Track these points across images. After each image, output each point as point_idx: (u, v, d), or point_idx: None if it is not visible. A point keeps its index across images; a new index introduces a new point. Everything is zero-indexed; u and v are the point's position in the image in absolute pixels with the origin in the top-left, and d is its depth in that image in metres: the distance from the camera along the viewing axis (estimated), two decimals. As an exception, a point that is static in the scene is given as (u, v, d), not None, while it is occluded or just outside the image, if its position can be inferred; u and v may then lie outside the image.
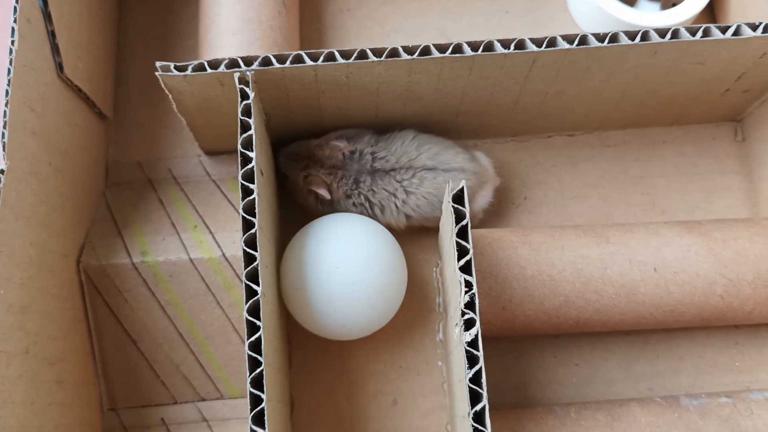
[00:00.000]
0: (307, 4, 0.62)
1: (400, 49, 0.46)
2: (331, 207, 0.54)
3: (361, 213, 0.54)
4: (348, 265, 0.48)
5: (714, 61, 0.50)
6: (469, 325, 0.41)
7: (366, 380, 0.55)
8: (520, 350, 0.55)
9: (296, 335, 0.55)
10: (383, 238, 0.51)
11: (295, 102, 0.51)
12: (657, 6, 0.62)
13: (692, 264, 0.50)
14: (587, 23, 0.62)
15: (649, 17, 0.59)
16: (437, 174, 0.54)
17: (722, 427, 0.48)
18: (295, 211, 0.56)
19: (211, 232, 0.53)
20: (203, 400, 0.54)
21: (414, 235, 0.57)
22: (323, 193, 0.53)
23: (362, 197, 0.54)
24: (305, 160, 0.54)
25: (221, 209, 0.55)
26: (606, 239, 0.51)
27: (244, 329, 0.52)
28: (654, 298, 0.50)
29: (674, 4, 0.61)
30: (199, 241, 0.52)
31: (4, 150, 0.44)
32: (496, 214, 0.58)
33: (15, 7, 0.46)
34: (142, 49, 0.62)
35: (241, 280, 0.51)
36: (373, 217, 0.54)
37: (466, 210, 0.43)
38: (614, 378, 0.55)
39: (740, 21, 0.57)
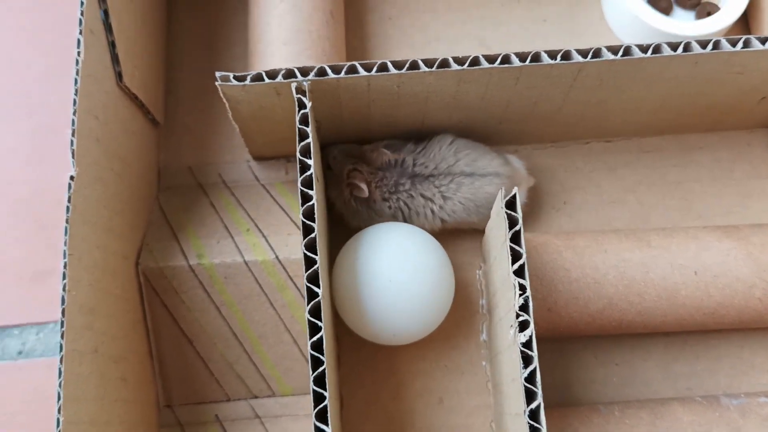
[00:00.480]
0: (351, 13, 0.64)
1: (451, 60, 0.48)
2: (364, 205, 0.56)
3: (395, 216, 0.56)
4: (400, 277, 0.50)
5: (753, 70, 0.52)
6: (523, 326, 0.43)
7: (412, 379, 0.56)
8: (561, 350, 0.57)
9: (345, 336, 0.56)
10: (432, 249, 0.53)
11: (346, 110, 0.52)
12: (692, 15, 0.63)
13: (732, 268, 0.52)
14: (624, 32, 0.63)
15: (685, 26, 0.61)
16: (474, 179, 0.55)
17: (763, 425, 0.49)
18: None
19: (263, 236, 0.55)
20: (256, 397, 0.56)
21: (455, 238, 0.58)
22: (363, 187, 0.55)
23: (400, 202, 0.55)
24: (355, 158, 0.56)
25: (272, 213, 0.57)
26: (647, 243, 0.53)
27: (296, 329, 0.54)
28: (695, 301, 0.52)
29: (709, 14, 0.62)
30: (253, 244, 0.54)
31: (73, 157, 0.46)
32: (536, 217, 0.59)
33: (80, 20, 0.48)
34: (190, 57, 0.64)
35: (294, 282, 0.54)
36: (407, 220, 0.56)
37: (519, 216, 0.45)
38: (653, 378, 0.56)
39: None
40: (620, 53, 0.48)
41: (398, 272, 0.50)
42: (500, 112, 0.55)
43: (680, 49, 0.49)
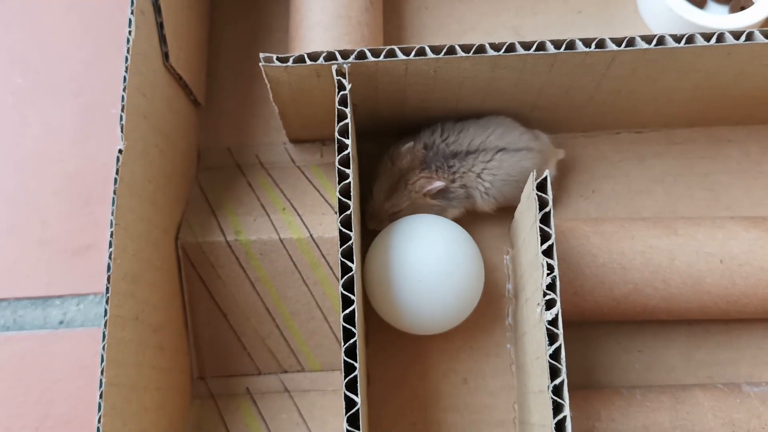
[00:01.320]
0: (389, 2, 0.66)
1: (487, 46, 0.49)
2: (439, 197, 0.57)
3: (468, 197, 0.57)
4: (431, 275, 0.52)
5: (785, 63, 0.53)
6: (549, 305, 0.44)
7: (438, 359, 0.58)
8: (585, 336, 0.58)
9: (372, 316, 0.58)
10: (463, 241, 0.54)
11: (382, 94, 0.54)
12: (725, 9, 0.64)
13: (757, 257, 0.52)
14: (657, 24, 0.64)
15: (719, 20, 0.61)
16: (510, 155, 0.56)
17: (784, 412, 0.50)
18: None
19: (298, 215, 0.56)
20: (286, 372, 0.57)
21: (482, 224, 0.60)
22: (437, 184, 0.56)
23: (465, 177, 0.56)
24: (396, 181, 0.57)
25: (307, 193, 0.58)
26: (674, 231, 0.54)
27: (327, 306, 0.56)
28: (719, 289, 0.53)
29: (743, 8, 0.63)
30: (288, 223, 0.56)
31: (122, 132, 0.48)
32: (564, 206, 0.61)
33: (132, 0, 0.50)
34: (231, 41, 0.65)
35: (326, 261, 0.55)
36: (468, 200, 0.57)
37: (549, 197, 0.46)
38: (675, 365, 0.57)
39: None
40: (654, 42, 0.49)
41: (429, 270, 0.52)
42: (533, 99, 0.56)
43: (713, 40, 0.49)
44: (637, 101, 0.57)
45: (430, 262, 0.52)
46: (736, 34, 0.49)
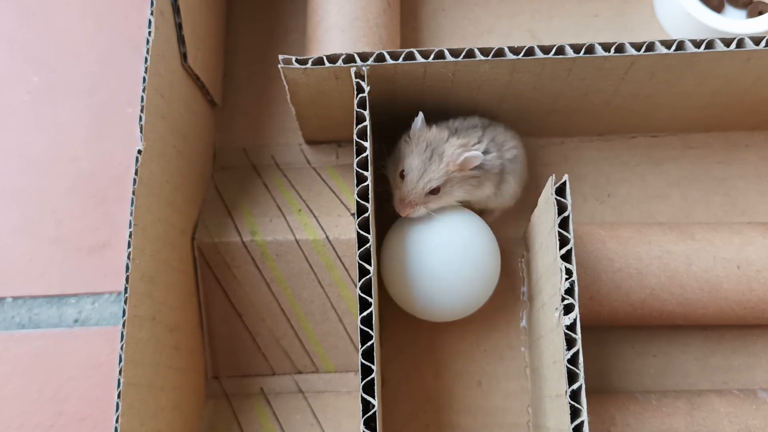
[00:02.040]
0: (406, 4, 0.66)
1: (506, 49, 0.49)
2: (481, 169, 0.54)
3: (494, 171, 0.55)
4: (448, 264, 0.52)
5: (803, 69, 0.52)
6: (568, 309, 0.44)
7: (452, 361, 0.58)
8: (600, 340, 0.58)
9: (388, 315, 0.58)
10: (481, 232, 0.54)
11: (401, 96, 0.54)
12: (743, 14, 0.64)
13: (775, 263, 0.52)
14: (675, 29, 0.64)
15: (737, 24, 0.61)
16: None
17: (800, 419, 0.50)
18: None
19: (314, 216, 0.56)
20: (300, 372, 0.58)
21: (496, 229, 0.59)
22: (475, 152, 0.52)
23: (491, 150, 0.55)
24: (429, 157, 0.53)
25: (323, 195, 0.58)
26: (691, 236, 0.53)
27: (341, 308, 0.56)
28: (736, 295, 0.52)
29: (761, 13, 0.63)
30: (304, 224, 0.56)
31: (141, 132, 0.48)
32: (580, 209, 0.61)
33: (152, 1, 0.50)
34: (248, 42, 0.66)
35: (342, 262, 0.55)
36: (500, 174, 0.56)
37: (569, 202, 0.46)
38: (690, 370, 0.57)
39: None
40: (673, 47, 0.49)
41: (447, 257, 0.52)
42: (550, 102, 0.56)
43: (733, 45, 0.49)
44: (654, 106, 0.57)
45: (446, 245, 0.52)
46: (756, 40, 0.49)
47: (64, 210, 0.63)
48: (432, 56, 0.49)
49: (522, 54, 0.49)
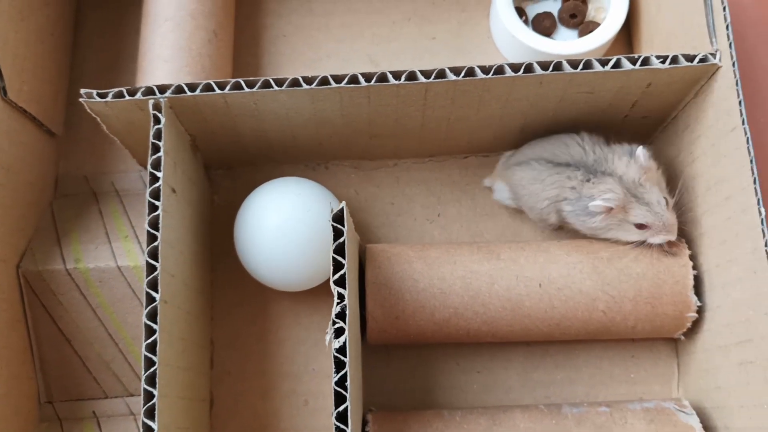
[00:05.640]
0: (245, 31, 0.67)
1: (300, 79, 0.51)
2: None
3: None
4: (287, 229, 0.55)
5: (602, 90, 0.54)
6: (338, 333, 0.46)
7: (280, 381, 0.59)
8: (426, 357, 0.59)
9: (219, 338, 0.59)
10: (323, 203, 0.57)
11: (213, 125, 0.55)
12: (575, 34, 0.65)
13: (576, 281, 0.54)
14: (507, 51, 0.65)
15: (564, 45, 0.63)
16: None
17: (593, 433, 0.51)
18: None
19: (139, 242, 0.58)
20: (131, 395, 0.59)
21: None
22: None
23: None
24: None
25: (153, 221, 0.60)
26: (497, 256, 0.55)
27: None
28: (539, 312, 0.54)
29: (591, 31, 0.64)
30: (128, 250, 0.57)
31: (-60, 167, 0.49)
32: (410, 229, 0.62)
33: (-44, 39, 0.51)
34: (94, 70, 0.67)
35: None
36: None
37: (344, 229, 0.47)
38: (513, 386, 0.59)
39: (649, 47, 0.61)
40: (462, 74, 0.51)
41: (288, 216, 0.55)
42: (365, 127, 0.57)
43: (521, 71, 0.51)
44: (471, 127, 0.59)
45: (287, 209, 0.56)
46: (544, 65, 0.51)
47: None
48: (228, 87, 0.51)
49: (316, 84, 0.51)
